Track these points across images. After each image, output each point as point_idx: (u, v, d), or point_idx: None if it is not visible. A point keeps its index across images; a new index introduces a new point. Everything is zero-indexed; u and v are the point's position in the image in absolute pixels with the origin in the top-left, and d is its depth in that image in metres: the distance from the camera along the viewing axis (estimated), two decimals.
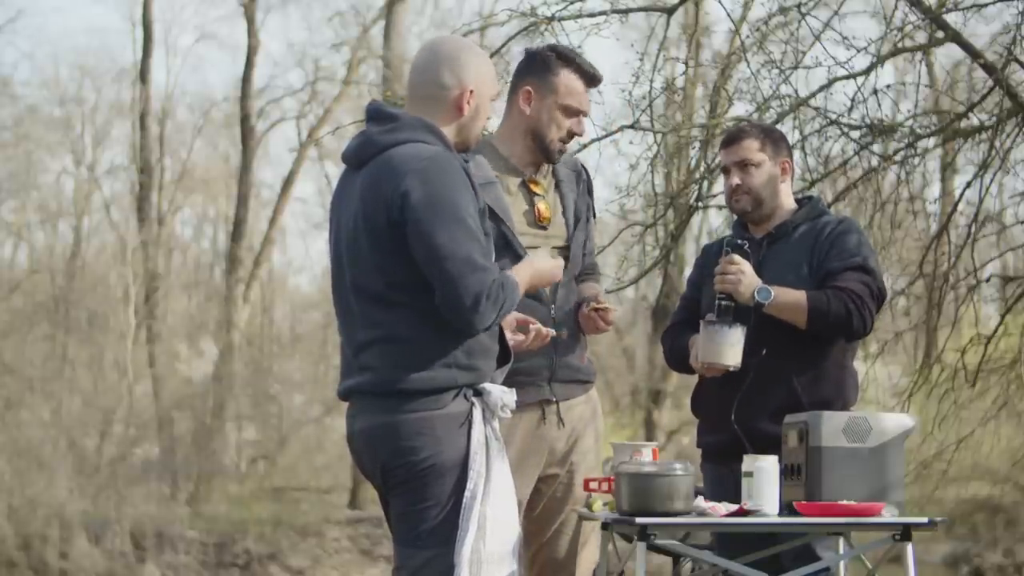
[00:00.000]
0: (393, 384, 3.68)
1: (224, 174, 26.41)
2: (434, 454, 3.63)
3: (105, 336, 21.41)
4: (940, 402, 8.76)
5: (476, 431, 3.66)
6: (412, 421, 3.65)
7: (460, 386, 3.67)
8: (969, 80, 8.72)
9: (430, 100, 3.84)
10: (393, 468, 3.67)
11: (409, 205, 3.65)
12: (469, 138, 3.91)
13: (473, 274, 3.63)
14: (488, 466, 3.65)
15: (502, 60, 8.01)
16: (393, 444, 3.66)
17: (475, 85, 3.85)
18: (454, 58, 3.86)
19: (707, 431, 4.59)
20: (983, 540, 18.46)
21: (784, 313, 4.35)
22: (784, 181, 4.57)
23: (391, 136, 3.76)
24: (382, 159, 3.74)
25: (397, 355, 3.69)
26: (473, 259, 3.63)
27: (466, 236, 3.65)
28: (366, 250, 3.72)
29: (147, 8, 23.74)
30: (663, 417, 22.59)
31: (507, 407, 3.73)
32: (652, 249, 8.11)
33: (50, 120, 24.45)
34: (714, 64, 8.42)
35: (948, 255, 8.34)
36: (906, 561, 4.00)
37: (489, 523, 3.62)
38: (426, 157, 3.69)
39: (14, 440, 18.53)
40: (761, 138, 4.54)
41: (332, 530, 19.06)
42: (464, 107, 3.84)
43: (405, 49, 22.40)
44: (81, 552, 17.40)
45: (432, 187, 3.66)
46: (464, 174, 3.74)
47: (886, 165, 8.02)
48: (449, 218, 3.65)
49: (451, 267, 3.63)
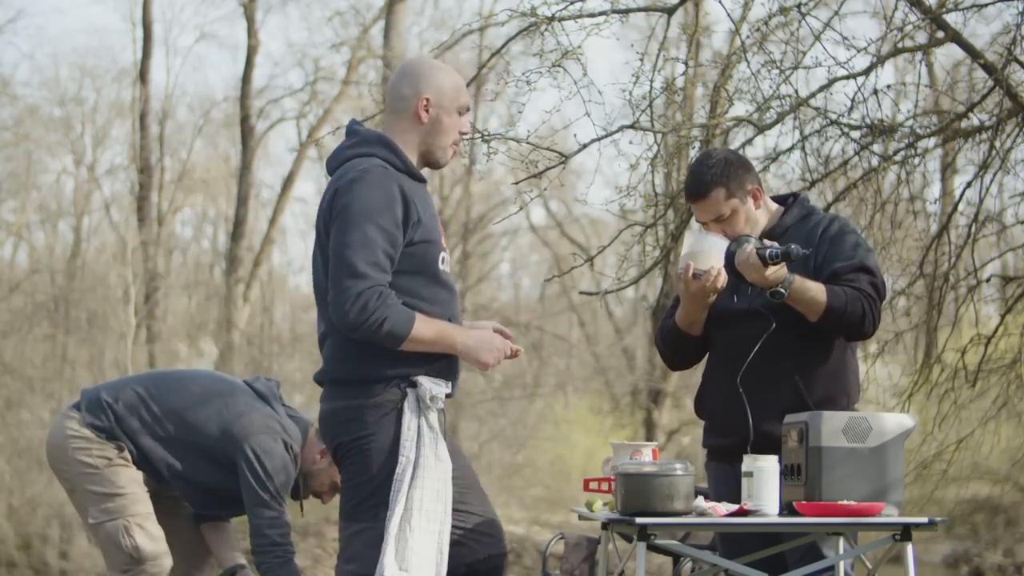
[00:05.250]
0: (331, 374, 4.06)
1: (224, 174, 26.40)
2: (364, 438, 3.97)
3: (105, 336, 21.38)
4: (940, 402, 8.76)
5: (406, 419, 3.96)
6: (345, 408, 4.01)
7: (389, 378, 3.98)
8: (969, 80, 8.70)
9: (394, 114, 4.13)
10: (336, 448, 4.06)
11: (333, 211, 3.98)
12: (435, 150, 4.14)
13: (350, 279, 3.89)
14: (418, 452, 3.94)
15: (502, 60, 8.02)
16: (334, 428, 4.05)
17: (432, 94, 4.09)
18: (414, 71, 4.14)
19: (715, 433, 4.59)
20: (983, 540, 18.47)
21: (801, 304, 4.33)
22: (759, 206, 4.52)
23: (351, 151, 4.08)
24: (338, 171, 4.07)
25: (335, 348, 4.04)
26: (354, 264, 3.90)
27: (361, 243, 3.90)
28: (317, 252, 4.06)
29: (147, 8, 23.72)
30: (663, 417, 22.57)
31: (436, 399, 3.99)
32: (652, 249, 8.09)
33: (50, 120, 24.44)
34: (714, 64, 8.41)
35: (948, 255, 8.34)
36: (906, 561, 4.01)
37: (415, 504, 3.92)
38: (360, 169, 3.99)
39: (14, 440, 18.52)
40: (725, 185, 4.45)
41: (332, 530, 19.02)
42: (422, 114, 4.09)
43: (405, 49, 22.39)
44: (81, 552, 17.38)
45: (352, 196, 3.95)
46: (395, 187, 3.97)
47: (886, 165, 8.01)
48: (352, 224, 3.92)
49: (334, 269, 3.94)
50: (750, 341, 4.38)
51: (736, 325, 4.48)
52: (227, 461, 5.18)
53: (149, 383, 5.32)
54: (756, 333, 4.38)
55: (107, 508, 5.16)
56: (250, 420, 5.17)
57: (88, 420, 5.20)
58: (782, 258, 4.24)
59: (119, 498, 5.17)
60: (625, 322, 26.72)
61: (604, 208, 8.39)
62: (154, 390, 5.27)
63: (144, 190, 23.42)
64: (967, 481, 13.43)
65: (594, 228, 25.77)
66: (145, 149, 23.58)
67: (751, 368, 4.38)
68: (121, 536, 5.14)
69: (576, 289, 22.35)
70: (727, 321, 4.50)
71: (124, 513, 5.16)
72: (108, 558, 5.21)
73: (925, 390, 8.81)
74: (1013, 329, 8.96)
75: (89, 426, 5.19)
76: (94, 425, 5.19)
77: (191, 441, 5.20)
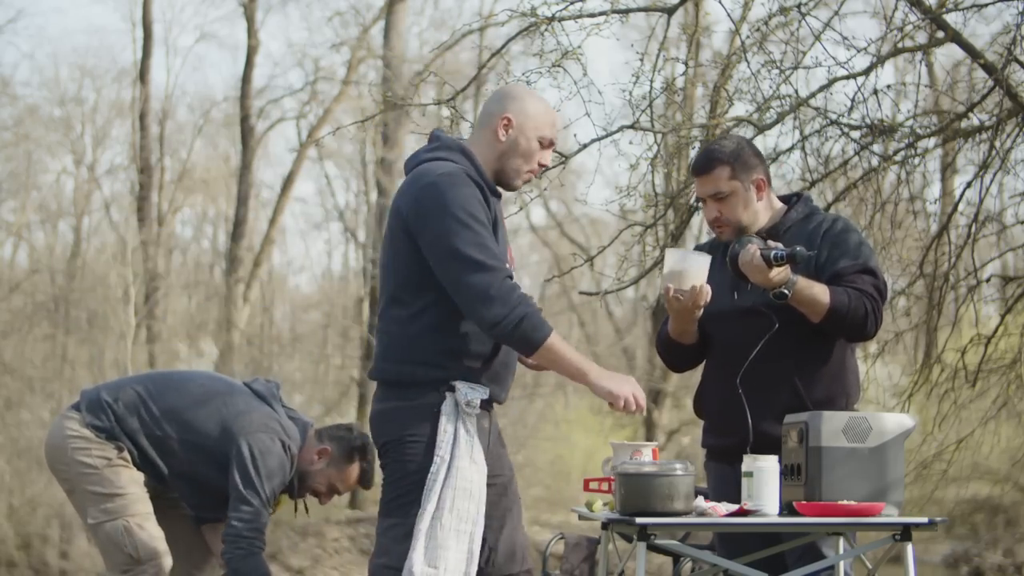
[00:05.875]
0: (377, 373, 4.16)
1: (224, 174, 26.41)
2: (403, 438, 4.07)
3: (105, 336, 21.38)
4: (940, 402, 8.76)
5: (442, 423, 4.03)
6: (389, 411, 4.12)
7: (428, 381, 4.06)
8: (969, 80, 8.70)
9: (479, 128, 4.26)
10: (380, 448, 4.17)
11: (417, 212, 4.03)
12: (508, 170, 4.22)
13: (479, 273, 3.95)
14: (453, 454, 4.01)
15: (502, 60, 8.01)
16: (379, 428, 4.16)
17: (514, 115, 4.20)
18: (507, 92, 4.28)
19: (714, 433, 4.58)
20: (983, 540, 18.47)
21: (804, 305, 4.32)
22: (761, 199, 4.50)
23: (430, 154, 4.17)
24: (414, 172, 4.14)
25: (385, 348, 4.14)
26: (479, 260, 3.95)
27: (474, 241, 3.96)
28: (386, 250, 4.13)
29: (147, 8, 23.72)
30: (663, 417, 22.57)
31: (473, 404, 4.04)
32: (652, 249, 8.08)
33: (50, 120, 24.45)
34: (714, 64, 8.41)
35: (948, 255, 8.33)
36: (906, 561, 4.00)
37: (447, 504, 4.00)
38: (444, 171, 4.07)
39: (14, 440, 18.51)
40: (731, 164, 4.45)
41: (332, 530, 19.03)
42: (500, 132, 4.19)
43: (405, 49, 22.40)
44: (81, 552, 17.37)
45: (441, 197, 4.01)
46: (476, 189, 4.06)
47: (886, 165, 8.01)
48: (455, 222, 3.97)
49: (455, 271, 3.98)
50: (750, 340, 4.38)
51: (736, 323, 4.46)
52: (227, 461, 5.17)
53: (149, 383, 5.32)
54: (756, 332, 4.37)
55: (107, 508, 5.16)
56: (249, 419, 5.17)
57: (88, 420, 5.19)
58: (787, 260, 4.22)
59: (119, 498, 5.17)
60: (625, 322, 26.72)
61: (604, 208, 8.39)
62: (154, 390, 5.27)
63: (144, 190, 23.42)
64: (967, 481, 13.43)
65: (594, 228, 25.78)
66: (145, 149, 23.58)
67: (751, 368, 4.37)
68: (121, 536, 5.14)
69: (576, 289, 22.35)
70: (727, 319, 4.49)
71: (124, 513, 5.15)
72: (107, 558, 5.21)
73: (925, 390, 8.81)
74: (1013, 329, 8.95)
75: (89, 426, 5.19)
76: (94, 425, 5.19)
77: (191, 441, 5.19)
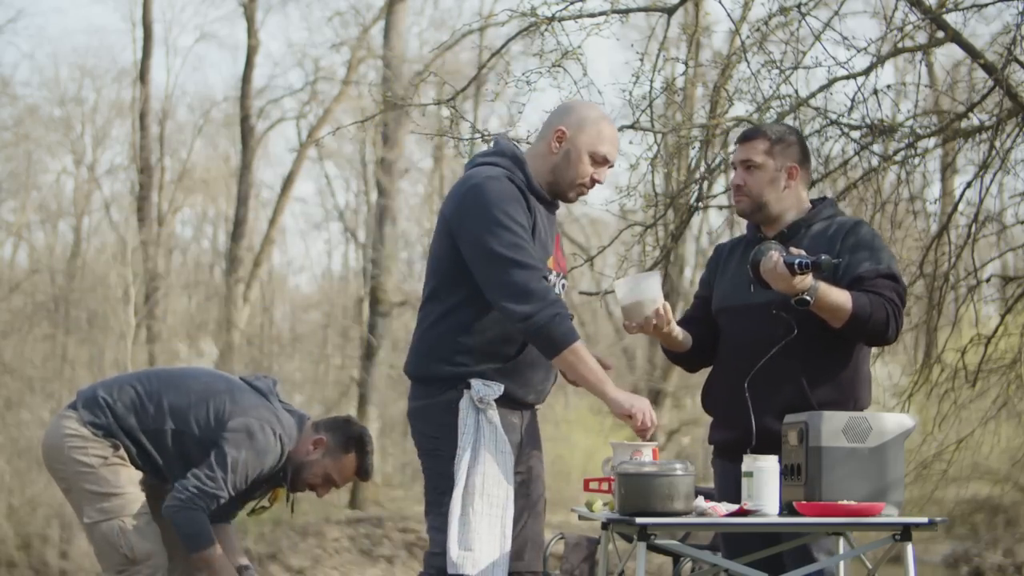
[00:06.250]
0: (409, 368, 4.29)
1: (224, 174, 26.43)
2: (432, 434, 4.21)
3: (105, 336, 21.40)
4: (940, 402, 8.75)
5: (462, 416, 4.13)
6: (420, 408, 4.25)
7: (447, 378, 4.17)
8: (969, 80, 8.69)
9: (537, 139, 4.36)
10: (416, 445, 4.31)
11: (458, 213, 4.14)
12: (560, 182, 4.30)
13: (515, 269, 4.04)
14: (476, 448, 4.10)
15: (502, 60, 8.01)
16: (414, 424, 4.30)
17: (568, 128, 4.27)
18: (567, 106, 4.37)
19: (719, 427, 4.58)
20: (983, 540, 18.46)
21: (825, 311, 4.31)
22: (790, 187, 4.50)
23: (483, 158, 4.29)
24: (462, 176, 4.27)
25: (413, 345, 4.28)
26: (515, 258, 4.04)
27: (512, 243, 4.05)
28: (432, 250, 4.27)
29: (147, 8, 23.73)
30: (663, 417, 22.56)
31: (483, 400, 4.13)
32: (652, 249, 8.08)
33: (50, 120, 24.48)
34: (714, 64, 8.40)
35: (948, 255, 8.33)
36: (906, 561, 4.00)
37: (476, 489, 4.09)
38: (485, 175, 4.16)
39: (14, 440, 18.52)
40: (771, 140, 4.50)
41: (332, 530, 19.03)
42: (553, 144, 4.27)
43: (405, 49, 22.41)
44: (81, 552, 17.38)
45: (480, 198, 4.11)
46: (518, 192, 4.14)
47: (886, 165, 8.00)
48: (493, 222, 4.06)
49: (490, 270, 4.07)
50: (763, 339, 4.36)
51: (750, 320, 4.44)
52: None
53: (146, 380, 5.31)
54: (771, 332, 4.35)
55: (103, 508, 5.15)
56: (243, 410, 5.16)
57: (86, 418, 5.19)
58: (811, 268, 4.18)
59: (115, 498, 5.16)
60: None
61: (604, 208, 8.37)
62: (152, 387, 5.26)
63: (144, 190, 23.43)
64: (967, 481, 13.43)
65: (594, 228, 25.78)
66: (145, 149, 23.59)
67: (761, 366, 4.36)
68: (116, 536, 5.12)
69: (576, 289, 22.33)
70: (741, 314, 4.48)
71: (120, 513, 5.14)
72: (103, 558, 5.20)
73: (925, 390, 8.80)
74: (1013, 329, 8.95)
75: (87, 424, 5.18)
76: (92, 423, 5.18)
77: (190, 436, 5.19)
